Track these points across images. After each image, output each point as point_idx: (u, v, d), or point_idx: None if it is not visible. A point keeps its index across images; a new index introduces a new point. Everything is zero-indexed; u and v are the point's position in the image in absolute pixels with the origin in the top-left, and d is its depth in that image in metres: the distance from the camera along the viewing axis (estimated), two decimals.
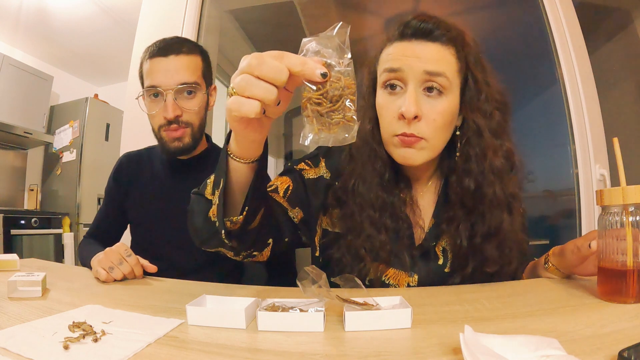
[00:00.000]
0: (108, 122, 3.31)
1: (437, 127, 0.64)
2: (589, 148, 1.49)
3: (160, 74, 0.92)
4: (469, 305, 0.53)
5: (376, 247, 0.67)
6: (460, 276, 0.69)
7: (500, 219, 0.66)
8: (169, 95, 0.92)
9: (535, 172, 2.72)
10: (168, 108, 0.92)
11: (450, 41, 0.64)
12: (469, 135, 0.67)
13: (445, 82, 0.63)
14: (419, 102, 0.63)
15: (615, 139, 0.55)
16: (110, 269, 0.74)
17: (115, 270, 0.74)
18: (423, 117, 0.63)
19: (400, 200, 0.71)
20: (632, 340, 0.35)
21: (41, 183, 3.29)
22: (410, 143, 0.64)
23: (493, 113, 0.67)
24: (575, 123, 1.52)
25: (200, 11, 1.79)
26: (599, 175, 1.47)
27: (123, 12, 2.68)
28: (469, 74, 0.66)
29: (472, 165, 0.66)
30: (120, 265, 0.74)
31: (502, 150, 0.68)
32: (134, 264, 0.76)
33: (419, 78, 0.63)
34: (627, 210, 0.51)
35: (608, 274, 0.53)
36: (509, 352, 0.33)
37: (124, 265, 0.75)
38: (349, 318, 0.43)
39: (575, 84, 1.52)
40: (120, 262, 0.75)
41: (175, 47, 0.94)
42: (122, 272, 0.74)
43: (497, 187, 0.66)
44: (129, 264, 0.75)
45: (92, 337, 0.39)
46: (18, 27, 2.82)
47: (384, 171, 0.69)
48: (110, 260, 0.75)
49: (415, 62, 0.63)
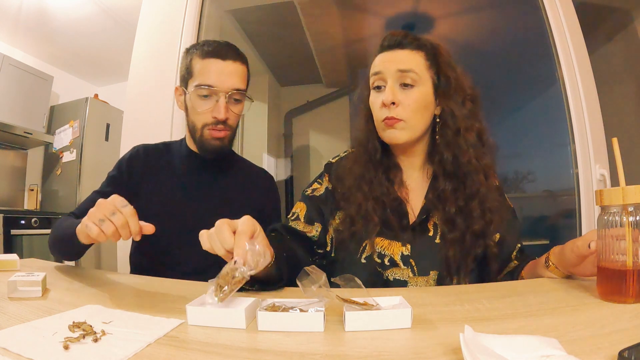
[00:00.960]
0: (108, 122, 3.31)
1: (412, 110, 0.81)
2: (589, 148, 1.49)
3: (216, 75, 0.94)
4: (469, 305, 0.53)
5: (366, 213, 0.81)
6: (450, 244, 0.80)
7: (478, 182, 0.81)
8: (222, 97, 0.95)
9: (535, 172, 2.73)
10: (221, 109, 0.94)
11: (419, 47, 0.83)
12: (445, 118, 0.83)
13: (415, 77, 0.81)
14: (395, 93, 0.81)
15: (614, 139, 0.55)
16: (100, 221, 0.63)
17: (107, 223, 0.63)
18: (400, 103, 0.80)
19: (388, 178, 0.86)
20: (632, 340, 0.35)
21: (41, 183, 3.29)
22: (392, 124, 0.81)
23: (465, 101, 0.84)
24: (575, 123, 1.52)
25: (200, 11, 1.78)
26: (599, 175, 1.47)
27: (123, 12, 2.68)
28: (441, 73, 0.83)
29: (449, 139, 0.82)
30: (112, 216, 0.63)
31: (474, 129, 0.83)
32: (130, 215, 0.64)
33: (394, 76, 0.81)
34: (627, 210, 0.51)
35: (608, 274, 0.53)
36: (509, 352, 0.33)
37: (117, 216, 0.63)
38: (349, 318, 0.43)
39: (575, 84, 1.52)
40: (114, 213, 0.64)
41: (232, 53, 0.97)
42: (114, 225, 0.63)
43: (472, 155, 0.81)
44: (124, 215, 0.64)
45: (92, 337, 0.39)
46: (18, 27, 2.81)
47: (374, 153, 0.87)
48: (102, 212, 0.64)
49: (391, 64, 0.82)
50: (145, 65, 1.76)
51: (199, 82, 0.95)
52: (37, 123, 3.07)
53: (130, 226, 0.64)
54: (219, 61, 0.95)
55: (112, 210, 0.64)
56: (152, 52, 1.76)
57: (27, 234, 2.64)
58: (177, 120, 1.66)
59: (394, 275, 0.79)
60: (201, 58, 0.96)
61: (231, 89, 0.95)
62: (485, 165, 0.83)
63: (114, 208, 0.64)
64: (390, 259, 0.80)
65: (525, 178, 2.35)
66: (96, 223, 0.64)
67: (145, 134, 1.66)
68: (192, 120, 1.00)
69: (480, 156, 0.82)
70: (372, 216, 0.81)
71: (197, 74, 0.96)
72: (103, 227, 0.63)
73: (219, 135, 0.98)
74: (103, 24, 2.83)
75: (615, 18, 2.08)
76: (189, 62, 0.99)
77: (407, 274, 0.79)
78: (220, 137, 0.98)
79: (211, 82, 0.94)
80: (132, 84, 1.77)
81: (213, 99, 0.95)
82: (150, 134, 1.64)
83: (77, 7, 2.64)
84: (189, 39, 1.72)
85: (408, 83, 0.81)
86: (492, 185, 0.83)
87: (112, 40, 3.00)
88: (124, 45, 2.41)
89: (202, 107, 0.96)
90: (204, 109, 0.96)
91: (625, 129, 1.98)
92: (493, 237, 0.82)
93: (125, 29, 2.76)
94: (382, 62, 0.83)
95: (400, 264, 0.79)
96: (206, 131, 0.98)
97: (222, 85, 0.94)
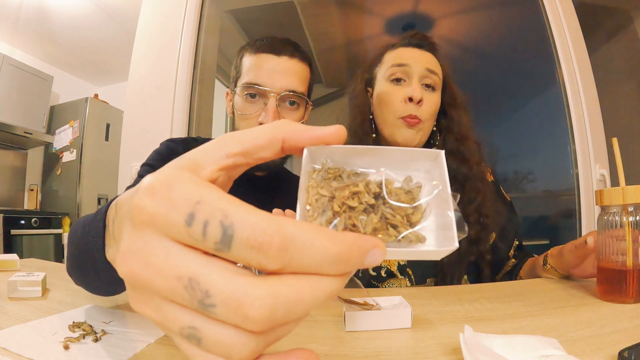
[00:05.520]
0: (108, 122, 3.31)
1: (431, 113, 0.80)
2: (589, 148, 1.49)
3: (267, 73, 0.77)
4: (469, 305, 0.53)
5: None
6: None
7: (476, 189, 0.81)
8: (272, 100, 0.76)
9: (535, 172, 2.73)
10: (269, 114, 0.76)
11: (438, 54, 0.85)
12: (450, 125, 0.84)
13: (437, 80, 0.81)
14: (422, 91, 0.79)
15: (614, 139, 0.55)
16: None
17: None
18: (424, 103, 0.78)
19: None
20: (632, 340, 0.35)
21: (41, 183, 3.29)
22: (413, 124, 0.78)
23: (466, 110, 0.86)
24: (575, 123, 1.52)
25: (200, 11, 1.79)
26: (599, 175, 1.47)
27: (123, 12, 2.68)
28: (448, 81, 0.85)
29: (452, 147, 0.82)
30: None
31: (473, 136, 0.85)
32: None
33: (421, 73, 0.79)
34: (627, 210, 0.51)
35: (607, 274, 0.53)
36: (509, 352, 0.33)
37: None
38: (349, 318, 0.43)
39: (575, 84, 1.52)
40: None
41: (289, 49, 0.80)
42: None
43: (472, 163, 0.82)
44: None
45: (92, 337, 0.39)
46: (18, 27, 2.81)
47: None
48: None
49: (420, 62, 0.80)
50: (145, 65, 1.76)
51: (246, 81, 0.78)
52: (37, 123, 3.07)
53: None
54: (271, 56, 0.78)
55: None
56: (152, 52, 1.76)
57: (27, 234, 2.65)
58: (177, 120, 1.66)
59: (392, 286, 0.79)
60: (252, 53, 0.80)
61: (284, 90, 0.77)
62: (482, 172, 0.84)
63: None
64: (387, 270, 0.79)
65: (525, 178, 2.35)
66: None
67: (145, 134, 1.66)
68: (237, 127, 0.83)
69: (478, 163, 0.84)
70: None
71: (246, 72, 0.80)
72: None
73: None
74: (103, 24, 2.83)
75: (615, 18, 2.08)
76: (239, 60, 0.84)
77: (405, 284, 0.78)
78: None
79: (260, 80, 0.77)
80: (132, 84, 1.77)
81: (262, 102, 0.78)
82: (150, 134, 1.64)
83: (77, 7, 2.64)
84: (189, 39, 1.72)
85: (431, 84, 0.80)
86: (488, 191, 0.84)
87: (112, 40, 3.00)
88: (124, 45, 2.41)
89: (247, 110, 0.79)
90: (250, 112, 0.78)
91: (625, 129, 1.98)
92: (488, 242, 0.82)
93: (125, 29, 2.76)
94: (410, 57, 0.81)
95: (398, 274, 0.78)
96: None
97: (273, 85, 0.76)
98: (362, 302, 0.46)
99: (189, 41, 1.71)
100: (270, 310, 0.16)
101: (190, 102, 1.71)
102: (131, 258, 0.18)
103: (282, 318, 0.17)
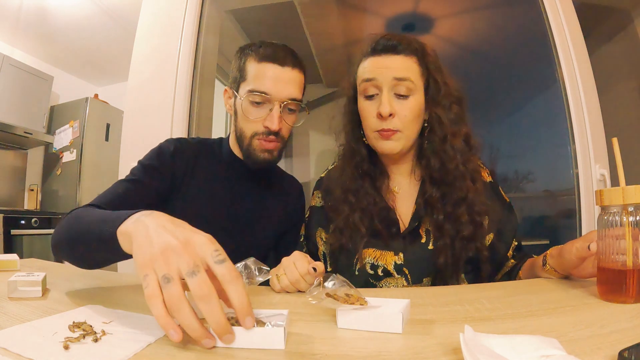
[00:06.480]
0: (108, 122, 3.31)
1: (408, 121, 0.78)
2: (589, 148, 1.49)
3: (273, 82, 0.87)
4: (469, 305, 0.53)
5: (353, 225, 0.81)
6: (443, 251, 0.77)
7: (466, 188, 0.79)
8: (277, 107, 0.87)
9: (535, 172, 2.73)
10: (274, 119, 0.87)
11: (412, 52, 0.80)
12: (433, 124, 0.81)
13: (411, 85, 0.78)
14: (392, 103, 0.77)
15: (614, 139, 0.55)
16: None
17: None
18: (396, 114, 0.77)
19: (375, 187, 0.85)
20: (632, 340, 0.35)
21: (41, 183, 3.29)
22: (387, 136, 0.78)
23: (452, 106, 0.82)
24: (575, 123, 1.51)
25: (200, 11, 1.78)
26: (599, 175, 1.47)
27: (123, 12, 2.68)
28: (430, 78, 0.81)
29: (437, 146, 0.80)
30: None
31: (460, 134, 0.81)
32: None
33: (390, 84, 0.77)
34: (627, 210, 0.51)
35: (608, 274, 0.53)
36: (509, 352, 0.33)
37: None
38: (341, 315, 0.44)
39: (575, 84, 1.52)
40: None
41: (291, 59, 0.90)
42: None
43: (459, 162, 0.79)
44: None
45: (92, 337, 0.39)
46: (18, 27, 2.81)
47: (361, 162, 0.85)
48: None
49: (386, 71, 0.77)
50: (145, 65, 1.76)
51: (252, 88, 0.87)
52: (37, 123, 3.07)
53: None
54: (276, 67, 0.87)
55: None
56: (152, 52, 1.76)
57: (27, 234, 2.65)
58: (177, 120, 1.66)
59: (388, 285, 0.79)
60: (257, 61, 0.88)
61: (287, 98, 0.88)
62: (473, 170, 0.81)
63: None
64: (383, 270, 0.79)
65: (525, 178, 2.35)
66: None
67: (145, 134, 1.66)
68: (240, 126, 0.92)
69: (467, 161, 0.81)
70: (359, 227, 0.80)
71: (251, 78, 0.88)
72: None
73: (269, 147, 0.91)
74: (103, 24, 2.83)
75: (615, 18, 2.08)
76: (242, 63, 0.91)
77: (402, 283, 0.79)
78: (270, 149, 0.91)
79: (266, 89, 0.86)
80: (132, 84, 1.77)
81: (266, 107, 0.88)
82: (150, 134, 1.64)
83: (77, 7, 2.64)
84: (189, 39, 1.72)
85: (402, 93, 0.77)
86: (480, 189, 0.81)
87: (112, 40, 3.00)
88: (124, 45, 2.41)
89: (253, 114, 0.89)
90: (256, 116, 0.89)
91: (625, 129, 1.98)
92: (485, 239, 0.81)
93: (125, 29, 2.76)
94: (376, 68, 0.79)
95: (394, 273, 0.78)
96: (255, 141, 0.91)
97: (278, 94, 0.87)
98: (346, 296, 0.46)
99: (189, 41, 1.71)
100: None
101: (190, 102, 1.71)
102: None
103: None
